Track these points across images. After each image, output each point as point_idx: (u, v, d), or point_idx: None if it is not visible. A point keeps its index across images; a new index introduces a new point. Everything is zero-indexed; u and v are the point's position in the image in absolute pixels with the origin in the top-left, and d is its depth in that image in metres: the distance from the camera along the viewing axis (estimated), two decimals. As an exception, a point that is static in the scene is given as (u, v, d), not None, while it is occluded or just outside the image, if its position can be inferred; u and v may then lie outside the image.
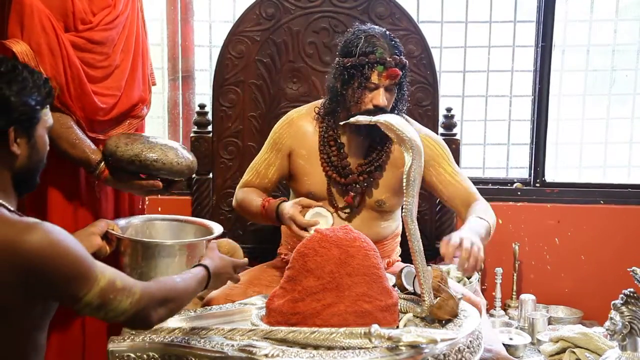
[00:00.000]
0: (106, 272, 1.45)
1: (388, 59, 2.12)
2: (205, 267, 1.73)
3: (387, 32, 2.21)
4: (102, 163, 2.01)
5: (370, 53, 2.12)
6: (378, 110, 2.12)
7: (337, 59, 2.23)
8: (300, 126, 2.31)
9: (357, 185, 2.24)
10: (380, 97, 2.13)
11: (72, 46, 1.98)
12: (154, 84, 2.39)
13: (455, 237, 1.87)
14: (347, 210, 2.28)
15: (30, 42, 1.91)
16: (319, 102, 2.34)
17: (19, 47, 1.90)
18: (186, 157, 2.10)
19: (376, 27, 2.25)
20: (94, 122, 2.06)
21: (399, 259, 2.44)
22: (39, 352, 1.53)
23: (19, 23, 1.92)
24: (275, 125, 2.38)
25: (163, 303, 1.54)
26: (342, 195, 2.27)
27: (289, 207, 2.13)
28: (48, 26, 1.93)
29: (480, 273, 3.02)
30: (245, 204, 2.30)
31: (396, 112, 2.19)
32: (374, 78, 2.12)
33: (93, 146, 2.03)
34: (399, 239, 2.43)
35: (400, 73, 2.14)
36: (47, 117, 1.56)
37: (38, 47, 1.92)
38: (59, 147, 1.97)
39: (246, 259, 1.96)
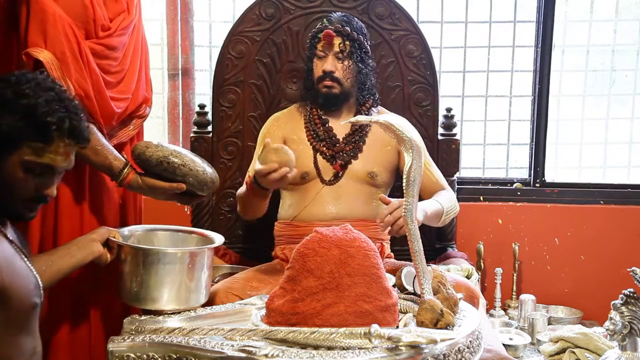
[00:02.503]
0: None
1: (329, 27, 2.35)
2: None
3: (350, 15, 2.45)
4: (125, 169, 2.00)
5: (319, 24, 2.41)
6: (327, 75, 2.33)
7: None
8: (286, 119, 2.50)
9: (344, 154, 2.37)
10: (328, 64, 2.33)
11: (91, 54, 1.97)
12: None
13: (395, 201, 2.04)
14: (335, 181, 2.36)
15: (55, 50, 1.89)
16: (298, 104, 2.54)
17: (44, 56, 1.87)
18: (211, 171, 2.10)
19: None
20: (106, 126, 2.06)
21: (392, 254, 2.44)
22: (21, 355, 1.54)
23: (42, 32, 1.89)
24: (262, 127, 2.54)
25: None
26: (330, 164, 2.37)
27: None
28: (71, 34, 1.91)
29: (480, 273, 3.02)
30: (240, 196, 2.39)
31: (359, 85, 2.37)
32: (319, 46, 2.36)
33: (115, 152, 2.01)
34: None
35: (333, 34, 2.32)
36: (32, 156, 1.53)
37: (62, 55, 1.90)
38: (80, 153, 1.96)
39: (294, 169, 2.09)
